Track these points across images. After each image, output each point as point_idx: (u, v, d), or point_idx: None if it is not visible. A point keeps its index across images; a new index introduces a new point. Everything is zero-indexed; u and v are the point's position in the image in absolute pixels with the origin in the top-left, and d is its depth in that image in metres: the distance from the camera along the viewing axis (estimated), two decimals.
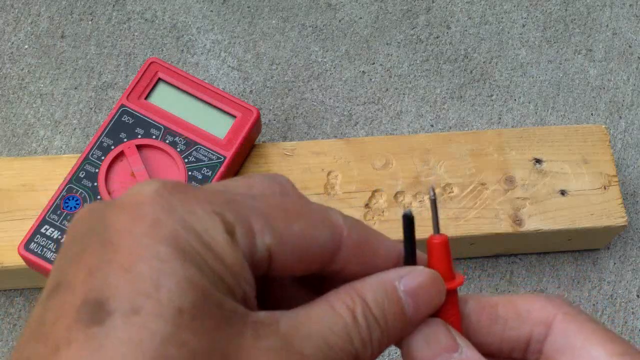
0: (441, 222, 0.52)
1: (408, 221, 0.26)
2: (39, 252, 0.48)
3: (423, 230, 0.52)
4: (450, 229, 0.52)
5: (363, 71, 0.64)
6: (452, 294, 0.26)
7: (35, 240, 0.48)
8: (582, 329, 0.25)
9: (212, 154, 0.51)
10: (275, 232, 0.22)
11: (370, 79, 0.64)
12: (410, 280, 0.24)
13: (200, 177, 0.50)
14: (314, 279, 0.26)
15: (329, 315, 0.22)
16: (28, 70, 0.62)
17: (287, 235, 0.22)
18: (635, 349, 0.25)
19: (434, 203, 0.27)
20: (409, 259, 0.26)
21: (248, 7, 0.66)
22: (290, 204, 0.23)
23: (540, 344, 0.26)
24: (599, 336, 0.25)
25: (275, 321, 0.21)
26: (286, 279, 0.26)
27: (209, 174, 0.50)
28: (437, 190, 0.54)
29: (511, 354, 0.27)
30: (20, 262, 0.49)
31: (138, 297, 0.19)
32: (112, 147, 0.51)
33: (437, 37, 0.66)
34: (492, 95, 0.64)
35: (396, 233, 0.52)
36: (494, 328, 0.27)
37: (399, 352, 0.57)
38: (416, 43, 0.65)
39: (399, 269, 0.25)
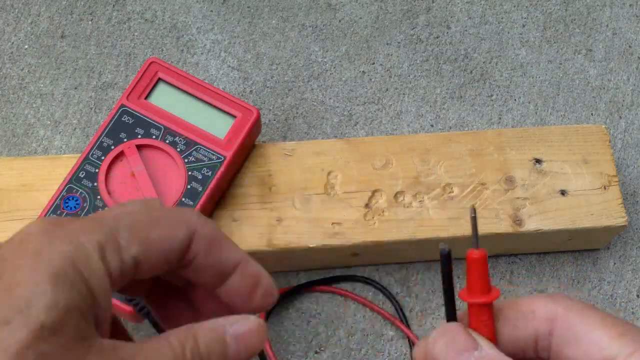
0: (441, 222, 0.52)
1: (445, 259, 0.28)
2: None
3: (427, 231, 0.52)
4: (450, 229, 0.52)
5: (363, 71, 0.64)
6: (488, 307, 0.28)
7: None
8: (584, 318, 0.27)
9: (212, 154, 0.51)
10: (139, 241, 0.27)
11: (370, 79, 0.64)
12: (239, 326, 0.29)
13: (200, 177, 0.50)
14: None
15: (163, 347, 0.27)
16: (28, 70, 0.62)
17: (150, 241, 0.27)
18: (634, 328, 0.27)
19: (474, 220, 0.29)
20: (448, 299, 0.29)
21: (248, 7, 0.66)
22: (152, 214, 0.28)
23: (547, 340, 0.28)
24: (599, 321, 0.27)
25: (115, 348, 0.25)
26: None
27: (209, 174, 0.50)
28: (437, 190, 0.54)
29: (525, 355, 0.29)
30: None
31: (12, 312, 0.23)
32: (112, 147, 0.51)
33: (437, 37, 0.66)
34: (492, 95, 0.64)
35: (396, 233, 0.52)
36: (502, 329, 0.28)
37: (398, 351, 0.57)
38: (416, 43, 0.65)
39: (235, 316, 0.29)
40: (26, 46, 0.63)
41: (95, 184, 0.50)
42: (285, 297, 0.55)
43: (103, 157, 0.50)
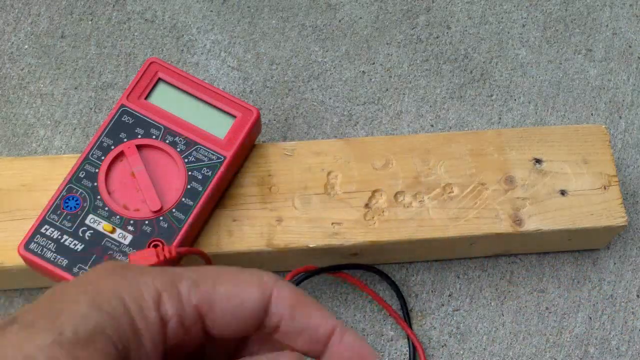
0: (441, 222, 0.52)
1: None
2: (39, 252, 0.48)
3: (427, 231, 0.52)
4: (450, 229, 0.52)
5: (363, 71, 0.64)
6: None
7: (35, 240, 0.48)
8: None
9: (212, 154, 0.51)
10: (202, 293, 0.26)
11: (370, 79, 0.64)
12: None
13: (200, 177, 0.50)
14: None
15: None
16: (28, 70, 0.62)
17: (215, 295, 0.26)
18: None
19: None
20: None
21: (248, 7, 0.66)
22: (221, 270, 0.27)
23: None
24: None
25: None
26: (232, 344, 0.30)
27: (209, 174, 0.50)
28: (437, 190, 0.54)
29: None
30: (20, 262, 0.49)
31: (39, 317, 0.24)
32: (112, 147, 0.51)
33: (437, 37, 0.66)
34: (492, 95, 0.64)
35: (396, 233, 0.52)
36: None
37: (398, 351, 0.57)
38: (416, 43, 0.65)
39: (275, 354, 0.27)
40: (26, 46, 0.63)
41: (95, 184, 0.50)
42: None
43: (103, 157, 0.50)
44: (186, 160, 0.51)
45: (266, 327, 0.27)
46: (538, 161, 0.55)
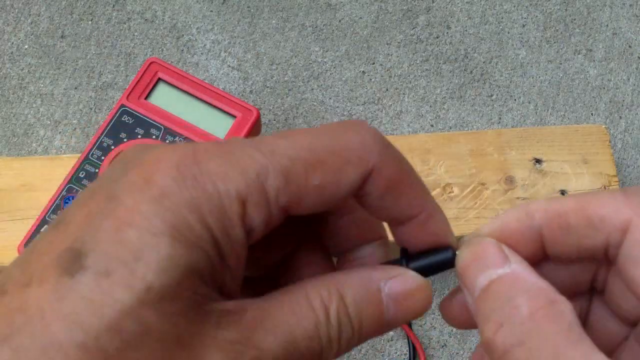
0: None
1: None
2: None
3: None
4: None
5: (363, 71, 0.64)
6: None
7: None
8: None
9: None
10: (292, 190, 0.21)
11: (370, 79, 0.64)
12: (398, 284, 0.23)
13: None
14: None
15: (301, 308, 0.22)
16: (28, 70, 0.62)
17: (308, 189, 0.22)
18: None
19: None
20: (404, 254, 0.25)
21: (248, 7, 0.66)
22: (319, 147, 0.22)
23: (617, 250, 0.24)
24: None
25: (241, 311, 0.21)
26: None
27: None
28: (437, 190, 0.54)
29: (593, 259, 0.25)
30: None
31: (115, 261, 0.19)
32: (112, 147, 0.51)
33: (437, 37, 0.66)
34: (492, 95, 0.64)
35: None
36: (568, 239, 0.24)
37: (398, 351, 0.56)
38: (416, 43, 0.65)
39: (388, 267, 0.24)
40: (26, 46, 0.63)
41: None
42: None
43: (103, 157, 0.50)
44: None
45: (346, 201, 0.23)
46: (538, 161, 0.55)
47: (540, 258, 0.25)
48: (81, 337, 0.18)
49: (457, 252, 0.25)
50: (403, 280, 0.23)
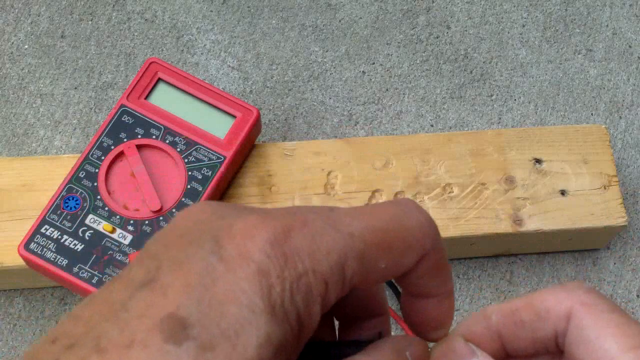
0: (441, 222, 0.52)
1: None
2: (39, 252, 0.48)
3: None
4: (450, 229, 0.52)
5: (363, 71, 0.64)
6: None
7: (35, 240, 0.48)
8: (598, 321, 0.25)
9: (212, 154, 0.51)
10: (363, 272, 0.23)
11: (370, 79, 0.64)
12: (415, 349, 0.26)
13: (200, 177, 0.50)
14: None
15: None
16: (28, 70, 0.62)
17: (375, 270, 0.24)
18: None
19: None
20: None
21: (248, 7, 0.66)
22: (390, 231, 0.24)
23: (564, 338, 0.27)
24: (613, 328, 0.25)
25: None
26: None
27: (209, 174, 0.50)
28: (437, 190, 0.54)
29: (547, 351, 0.28)
30: (20, 262, 0.49)
31: (218, 335, 0.20)
32: (112, 147, 0.51)
33: (437, 37, 0.66)
34: (492, 95, 0.64)
35: None
36: (522, 334, 0.27)
37: None
38: (416, 43, 0.65)
39: (404, 337, 0.27)
40: (26, 46, 0.63)
41: (95, 184, 0.50)
42: None
43: (103, 157, 0.50)
44: (186, 160, 0.51)
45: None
46: (538, 161, 0.55)
47: (502, 358, 0.28)
48: None
49: (430, 347, 0.28)
50: (419, 347, 0.26)
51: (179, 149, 0.51)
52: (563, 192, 0.54)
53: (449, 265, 0.27)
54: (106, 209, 0.49)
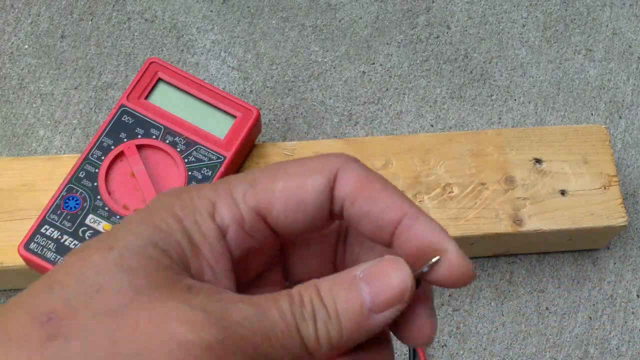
0: (441, 222, 0.52)
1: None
2: (39, 252, 0.48)
3: None
4: (450, 229, 0.52)
5: (363, 71, 0.64)
6: None
7: (35, 240, 0.48)
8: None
9: (212, 154, 0.51)
10: (258, 193, 0.24)
11: (370, 79, 0.64)
12: (370, 266, 0.24)
13: (200, 177, 0.50)
14: None
15: (278, 296, 0.23)
16: (28, 70, 0.62)
17: (273, 192, 0.24)
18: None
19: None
20: None
21: (248, 7, 0.66)
22: (282, 165, 0.25)
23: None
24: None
25: (215, 290, 0.23)
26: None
27: (209, 174, 0.50)
28: (437, 190, 0.54)
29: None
30: (20, 262, 0.49)
31: (95, 242, 0.24)
32: (112, 147, 0.51)
33: (437, 37, 0.66)
34: (492, 95, 0.64)
35: None
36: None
37: (398, 351, 0.56)
38: (416, 43, 0.65)
39: (365, 264, 0.24)
40: (26, 46, 0.63)
41: (95, 184, 0.50)
42: None
43: (103, 157, 0.50)
44: (186, 160, 0.51)
45: (331, 215, 0.25)
46: (538, 161, 0.55)
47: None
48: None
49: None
50: (377, 262, 0.24)
51: (179, 149, 0.51)
52: (563, 192, 0.54)
53: (391, 187, 0.24)
54: (106, 209, 0.49)
